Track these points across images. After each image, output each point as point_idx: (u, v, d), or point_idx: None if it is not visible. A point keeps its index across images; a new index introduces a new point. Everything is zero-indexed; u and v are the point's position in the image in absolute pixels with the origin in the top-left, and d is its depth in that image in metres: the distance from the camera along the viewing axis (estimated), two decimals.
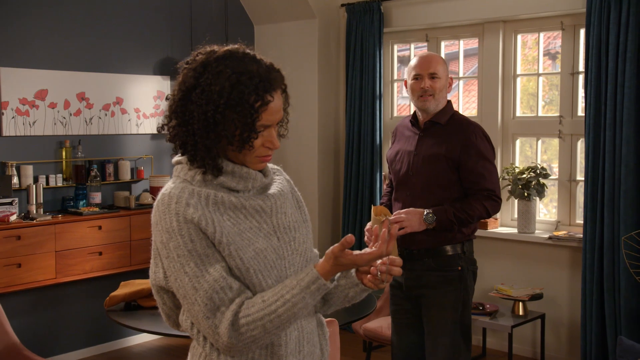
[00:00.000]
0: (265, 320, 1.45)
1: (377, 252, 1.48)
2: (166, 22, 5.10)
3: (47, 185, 4.47)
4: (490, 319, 4.13)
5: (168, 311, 1.61)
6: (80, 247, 4.35)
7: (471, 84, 5.27)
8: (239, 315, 1.45)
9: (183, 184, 1.53)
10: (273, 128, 1.55)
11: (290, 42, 5.35)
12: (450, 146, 2.86)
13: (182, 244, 1.46)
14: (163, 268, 1.52)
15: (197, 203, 1.49)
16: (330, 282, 1.51)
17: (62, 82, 4.56)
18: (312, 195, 5.25)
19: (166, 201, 1.50)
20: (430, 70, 2.89)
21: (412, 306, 2.98)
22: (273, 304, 1.46)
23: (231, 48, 1.55)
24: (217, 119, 1.47)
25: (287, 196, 1.65)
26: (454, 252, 2.88)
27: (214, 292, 1.45)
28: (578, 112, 4.37)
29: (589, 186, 4.03)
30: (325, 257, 1.50)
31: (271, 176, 1.65)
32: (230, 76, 1.48)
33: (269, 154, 1.56)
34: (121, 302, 3.55)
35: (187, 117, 1.50)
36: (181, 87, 1.52)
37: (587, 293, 4.03)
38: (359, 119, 5.08)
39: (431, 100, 2.89)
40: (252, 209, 1.55)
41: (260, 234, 1.54)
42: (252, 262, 1.50)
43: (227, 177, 1.54)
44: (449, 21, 4.76)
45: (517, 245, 4.52)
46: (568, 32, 4.36)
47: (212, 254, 1.47)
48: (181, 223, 1.46)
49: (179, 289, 1.48)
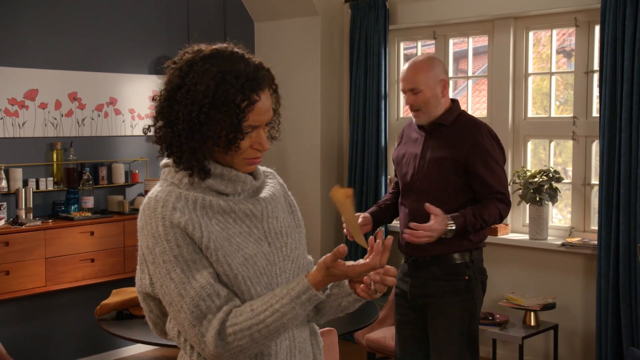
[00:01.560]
0: (253, 330, 1.45)
1: (371, 264, 1.49)
2: (162, 18, 5.11)
3: (37, 189, 4.48)
4: (500, 330, 4.12)
5: (155, 319, 1.63)
6: (71, 253, 4.35)
7: (481, 83, 5.25)
8: (226, 324, 1.46)
9: (170, 187, 1.54)
10: (262, 129, 1.56)
11: (292, 40, 5.35)
12: (457, 149, 2.85)
13: (168, 249, 1.47)
14: (149, 274, 1.53)
15: (184, 207, 1.49)
16: (321, 293, 1.51)
17: (53, 82, 4.57)
18: (315, 200, 5.25)
19: (152, 205, 1.51)
20: (409, 85, 2.89)
21: (417, 316, 2.97)
22: (262, 314, 1.46)
23: (218, 47, 1.56)
24: (202, 119, 1.48)
25: (279, 200, 1.66)
26: (462, 261, 2.87)
27: (200, 299, 1.45)
28: (593, 113, 4.35)
29: (604, 190, 4.01)
30: (317, 267, 1.51)
31: (262, 179, 1.66)
32: (215, 75, 1.49)
33: (257, 156, 1.57)
34: (112, 310, 3.55)
35: (172, 118, 1.51)
36: (167, 87, 1.54)
37: (602, 302, 4.01)
38: (363, 120, 5.08)
39: (420, 115, 2.91)
40: (242, 213, 1.55)
41: (250, 239, 1.54)
42: (240, 268, 1.50)
43: (216, 180, 1.55)
44: (458, 17, 4.75)
45: (529, 252, 4.50)
46: (582, 29, 4.35)
47: (199, 259, 1.48)
48: (167, 228, 1.47)
49: (164, 295, 1.49)
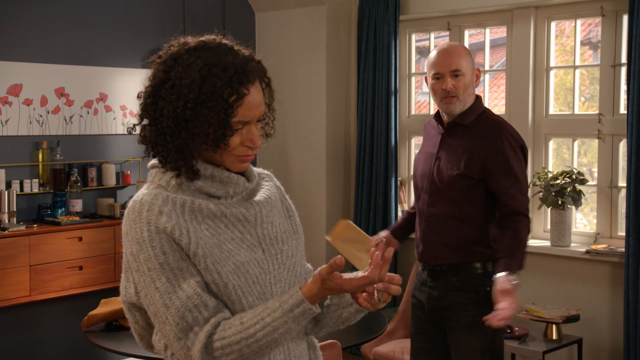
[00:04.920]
0: (242, 345, 1.46)
1: (369, 278, 1.48)
2: (156, 8, 5.13)
3: (21, 192, 4.51)
4: (519, 344, 4.11)
5: (141, 331, 1.63)
6: (58, 260, 4.37)
7: (499, 78, 5.26)
8: (213, 337, 1.46)
9: (157, 189, 1.55)
10: (253, 125, 1.56)
11: (296, 31, 5.36)
12: (474, 151, 2.83)
13: (153, 256, 1.47)
14: (134, 283, 1.54)
15: (171, 211, 1.50)
16: (317, 307, 1.50)
17: (38, 76, 4.59)
18: (320, 203, 5.25)
19: (137, 209, 1.51)
20: (452, 67, 2.85)
21: (435, 330, 2.96)
22: (251, 327, 1.46)
23: (206, 38, 1.57)
24: (187, 115, 1.49)
25: (275, 204, 1.66)
26: (484, 270, 2.86)
27: (186, 311, 1.46)
28: (620, 110, 4.34)
29: (632, 193, 4.00)
30: (312, 279, 1.51)
31: (257, 181, 1.66)
32: (201, 68, 1.50)
33: (249, 153, 1.57)
34: (101, 322, 3.56)
35: (157, 115, 1.53)
36: (151, 82, 1.55)
37: (630, 315, 4.00)
38: (372, 117, 5.08)
39: (455, 102, 2.86)
40: (234, 218, 1.56)
41: (242, 245, 1.55)
42: (231, 276, 1.50)
43: (206, 182, 1.56)
44: (474, 7, 4.75)
45: (550, 260, 4.49)
46: (609, 19, 4.34)
47: (186, 267, 1.48)
48: (152, 233, 1.48)
49: (149, 306, 1.50)
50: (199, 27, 4.33)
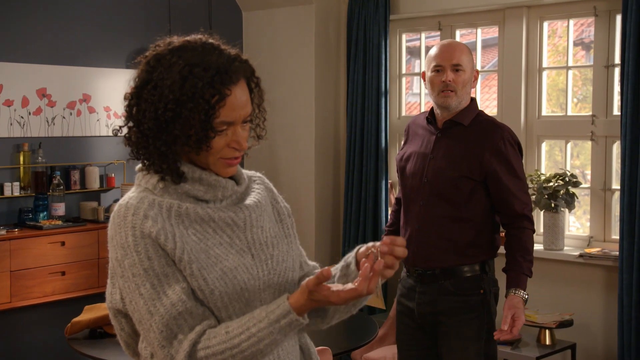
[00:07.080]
0: (226, 355, 1.45)
1: (357, 291, 1.44)
2: (141, 6, 5.12)
3: (1, 195, 4.49)
4: (512, 349, 4.12)
5: (127, 338, 1.63)
6: (39, 266, 4.35)
7: (490, 78, 5.28)
8: (197, 346, 1.45)
9: (143, 193, 1.55)
10: (239, 126, 1.55)
11: (284, 31, 5.35)
12: (475, 152, 2.84)
13: (138, 261, 1.47)
14: (119, 288, 1.53)
15: (157, 215, 1.50)
16: (304, 318, 1.48)
17: (19, 76, 4.57)
18: (309, 206, 5.25)
19: (122, 213, 1.51)
20: (454, 61, 2.87)
21: (426, 337, 2.95)
22: (237, 337, 1.45)
23: (191, 38, 1.57)
24: (168, 117, 1.49)
25: (265, 208, 1.65)
26: (473, 273, 2.86)
27: (170, 318, 1.45)
28: (614, 111, 4.36)
29: (626, 196, 4.01)
30: (300, 289, 1.49)
31: (247, 184, 1.66)
32: (182, 69, 1.50)
33: (235, 155, 1.56)
34: (85, 328, 3.55)
35: (139, 117, 1.52)
36: (135, 83, 1.55)
37: (624, 319, 4.01)
38: (361, 119, 5.08)
39: (453, 96, 2.87)
40: (223, 222, 1.55)
41: (231, 250, 1.54)
42: (217, 283, 1.50)
43: (194, 185, 1.55)
44: (465, 6, 4.76)
45: (543, 263, 4.49)
46: (602, 19, 4.36)
47: (171, 273, 1.48)
48: (137, 238, 1.47)
49: (134, 312, 1.49)
50: (185, 27, 4.32)
